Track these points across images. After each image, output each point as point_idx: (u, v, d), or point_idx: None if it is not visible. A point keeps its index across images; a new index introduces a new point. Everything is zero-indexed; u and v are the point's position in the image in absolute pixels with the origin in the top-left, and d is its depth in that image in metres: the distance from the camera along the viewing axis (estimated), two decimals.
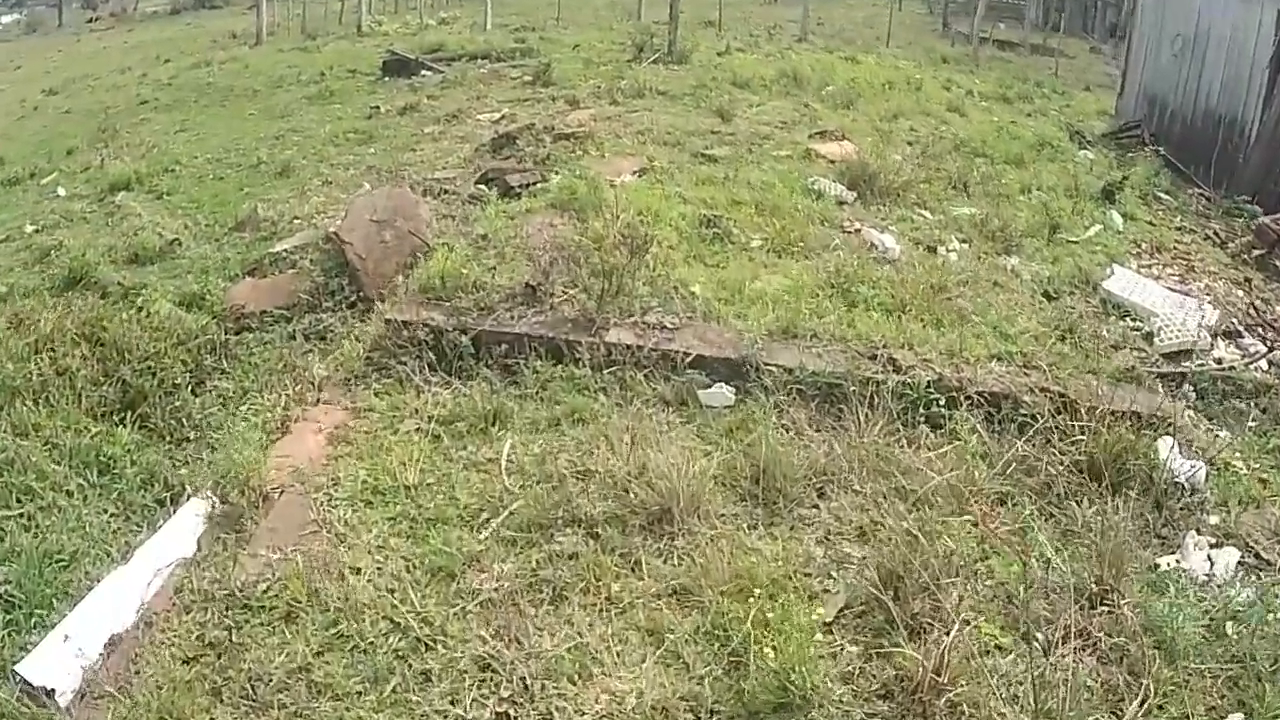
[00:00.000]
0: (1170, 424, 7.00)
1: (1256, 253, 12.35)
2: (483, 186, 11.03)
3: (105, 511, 6.36)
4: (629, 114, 14.98)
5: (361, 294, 9.07)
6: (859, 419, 6.57)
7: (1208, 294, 10.59)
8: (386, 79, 21.80)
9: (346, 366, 7.63)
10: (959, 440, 6.69)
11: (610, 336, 7.43)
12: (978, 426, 6.81)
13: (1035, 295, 9.30)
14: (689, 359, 7.25)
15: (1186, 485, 6.57)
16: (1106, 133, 19.29)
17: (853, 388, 6.81)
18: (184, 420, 7.58)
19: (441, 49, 24.95)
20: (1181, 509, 6.47)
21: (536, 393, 7.14)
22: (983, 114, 19.12)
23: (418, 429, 6.79)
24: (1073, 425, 6.85)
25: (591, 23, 31.92)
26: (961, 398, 6.96)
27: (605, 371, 7.23)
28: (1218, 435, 7.52)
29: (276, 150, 15.72)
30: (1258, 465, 7.15)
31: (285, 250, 10.28)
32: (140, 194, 13.93)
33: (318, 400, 7.29)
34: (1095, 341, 8.46)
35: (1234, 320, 9.96)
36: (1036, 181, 13.43)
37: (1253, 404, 8.14)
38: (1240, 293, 11.16)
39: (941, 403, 6.90)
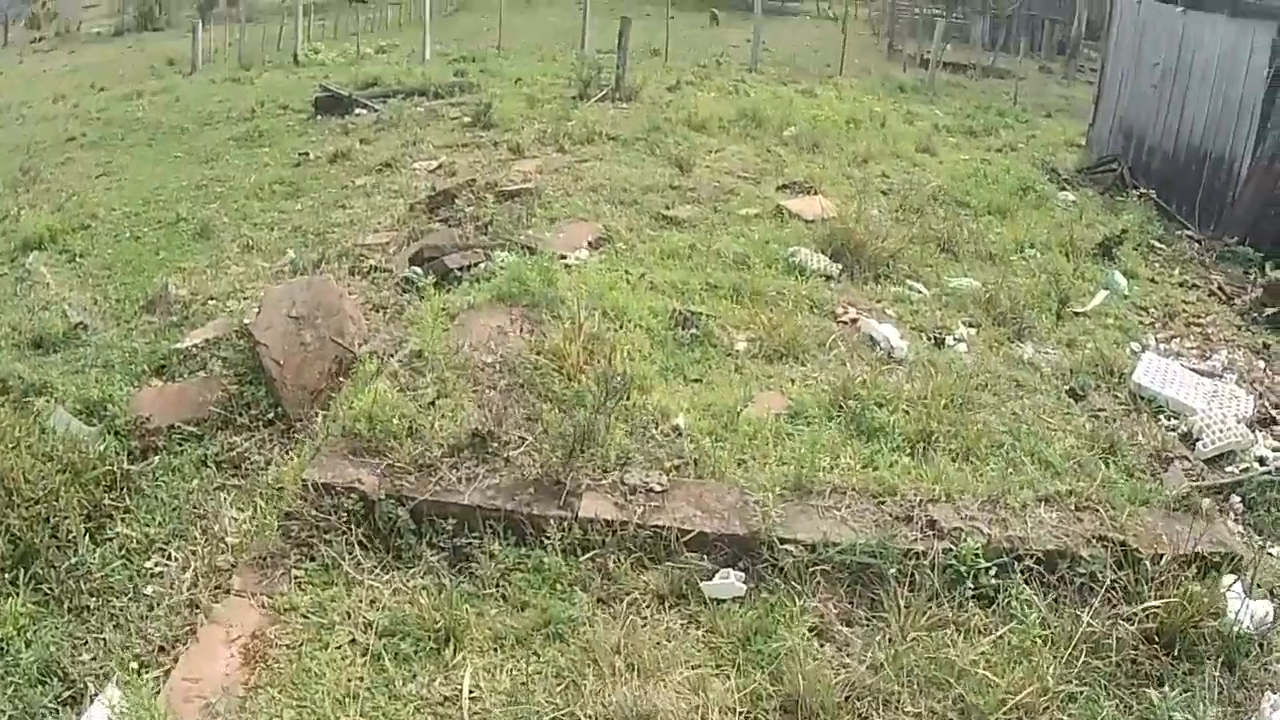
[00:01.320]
0: (1235, 559, 6.08)
1: (1269, 311, 11.31)
2: (417, 269, 9.67)
3: None
4: (578, 164, 13.76)
5: (280, 410, 7.75)
6: (899, 605, 5.37)
7: (1231, 371, 9.64)
8: (319, 117, 20.53)
9: (261, 542, 6.18)
10: (1015, 618, 5.49)
11: (585, 508, 6.02)
12: (1034, 599, 5.60)
13: (1060, 395, 8.21)
14: (686, 536, 5.89)
15: (1257, 636, 5.65)
16: (1082, 168, 18.29)
17: (889, 566, 5.56)
18: (82, 581, 6.17)
19: (377, 83, 23.73)
20: (1257, 667, 5.58)
21: (497, 588, 5.73)
22: (953, 152, 18.14)
23: (352, 641, 5.39)
24: (1137, 580, 5.82)
25: (534, 51, 30.65)
26: (1013, 561, 5.75)
27: (581, 557, 5.86)
28: (1270, 552, 6.69)
29: (198, 204, 14.43)
30: None
31: (195, 346, 8.99)
32: (53, 254, 12.76)
33: (229, 588, 5.86)
34: (1137, 453, 7.42)
35: (1265, 404, 9.01)
36: (1028, 236, 12.38)
37: None
38: (1261, 363, 10.18)
39: (992, 572, 5.70)
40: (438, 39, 31.83)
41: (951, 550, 5.73)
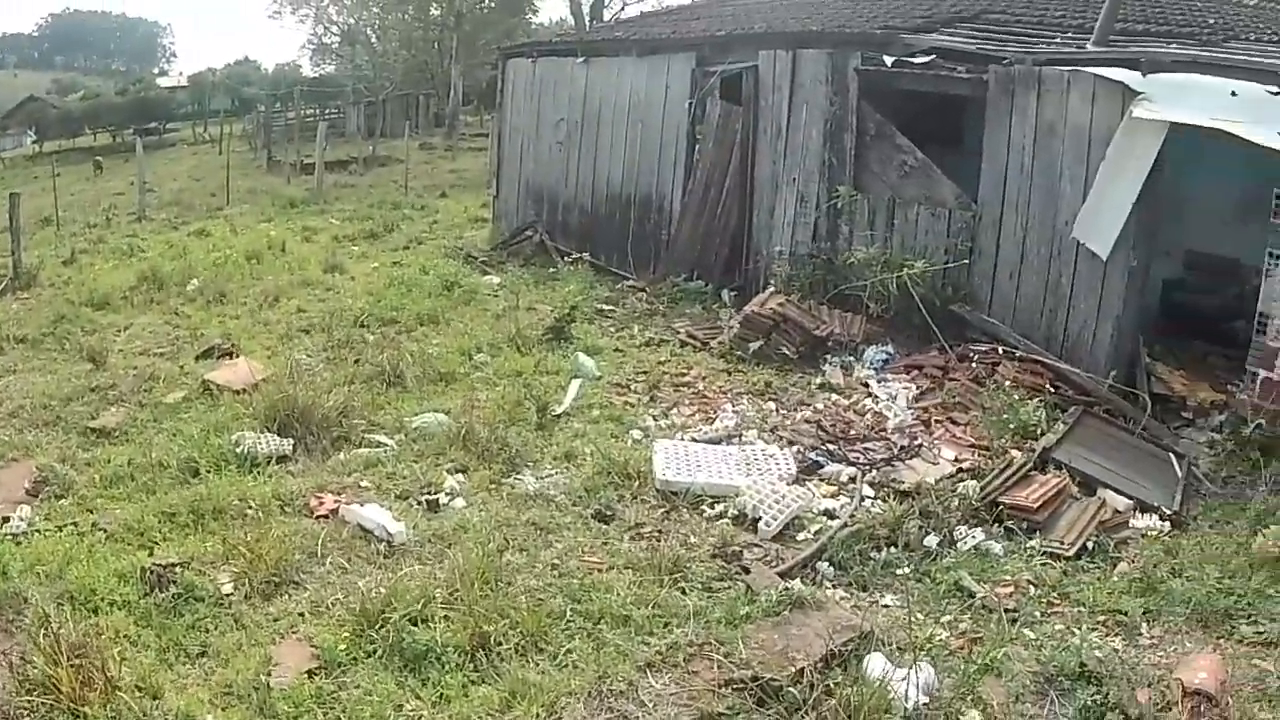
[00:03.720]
0: (866, 634, 5.70)
1: (753, 345, 11.23)
2: None
3: None
4: None
5: None
6: None
7: (746, 425, 9.33)
8: None
9: None
10: None
11: None
12: None
13: (589, 523, 7.29)
14: None
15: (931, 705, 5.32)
16: (496, 244, 17.88)
17: None
18: None
19: None
20: None
21: None
22: (361, 263, 17.05)
23: None
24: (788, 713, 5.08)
25: None
26: None
27: None
28: (884, 605, 6.50)
29: None
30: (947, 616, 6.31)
31: None
32: None
33: None
34: (703, 563, 6.73)
35: (801, 450, 8.74)
36: (472, 341, 11.52)
37: (886, 546, 7.11)
38: (771, 405, 10.00)
39: None
40: None
41: None
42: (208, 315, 13.42)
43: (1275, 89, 9.28)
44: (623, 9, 45.13)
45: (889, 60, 12.10)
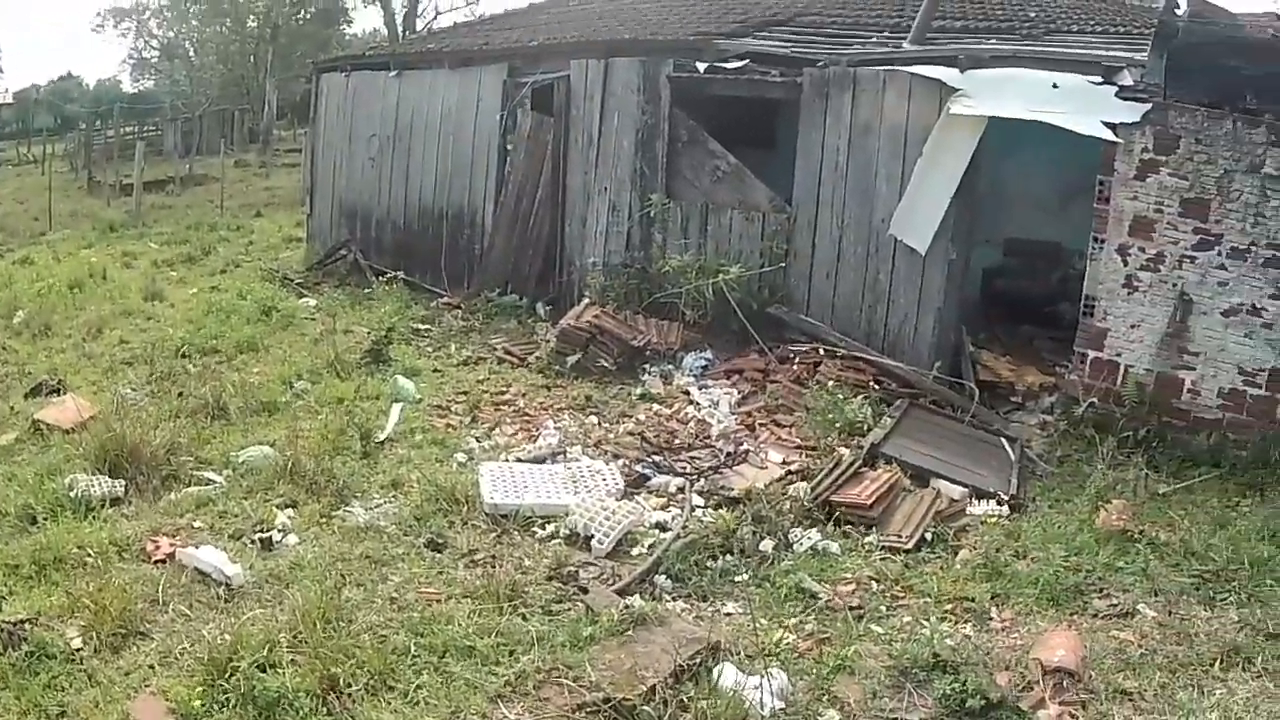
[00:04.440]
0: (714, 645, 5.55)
1: (571, 359, 10.94)
2: None
3: None
4: None
5: None
6: None
7: (570, 441, 9.00)
8: None
9: None
10: None
11: None
12: None
13: (421, 553, 6.89)
14: None
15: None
16: (311, 265, 17.14)
17: None
18: None
19: None
20: None
21: None
22: (180, 289, 16.12)
23: None
24: None
25: None
26: None
27: None
28: (726, 614, 6.34)
29: None
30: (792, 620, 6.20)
31: None
32: None
33: None
34: (540, 586, 6.44)
35: (626, 464, 8.48)
36: (292, 369, 10.94)
37: (722, 554, 6.97)
38: (594, 419, 9.72)
39: None
40: None
41: None
42: (34, 349, 12.57)
43: (1098, 79, 9.51)
44: (435, 18, 44.45)
45: (702, 66, 12.02)
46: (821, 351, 10.52)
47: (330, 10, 46.35)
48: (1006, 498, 7.91)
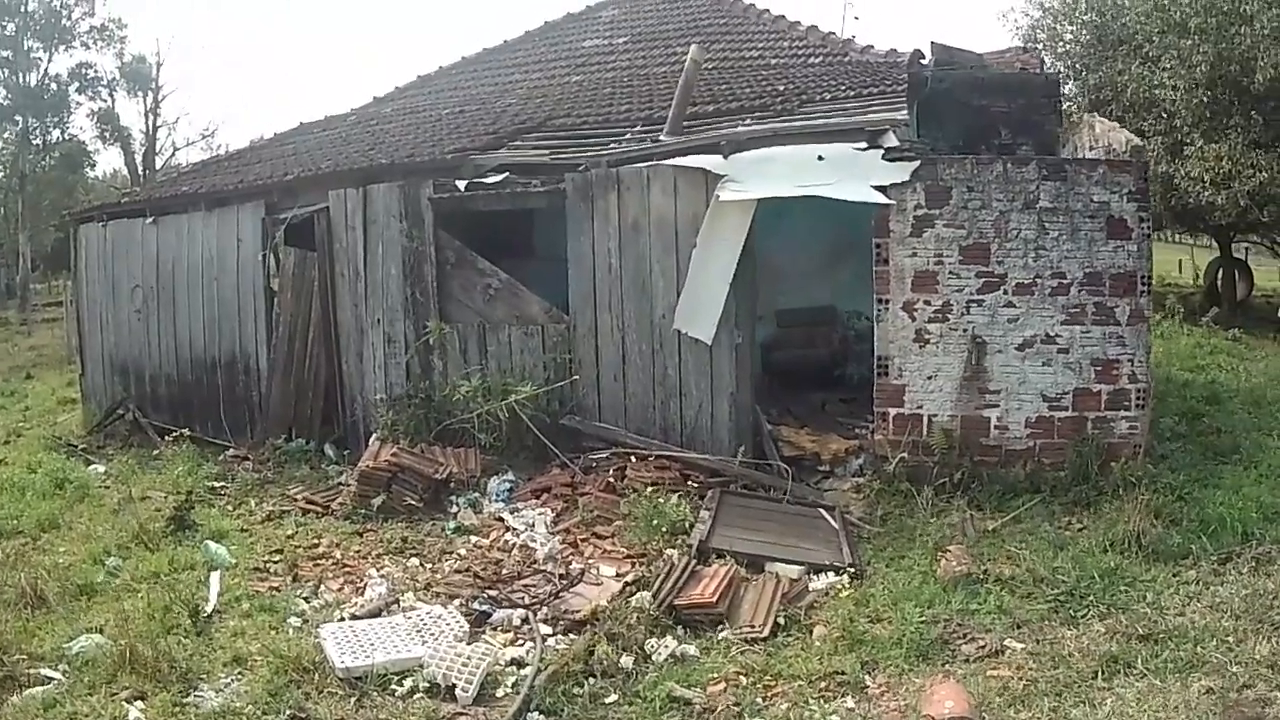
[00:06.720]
0: None
1: (376, 501, 10.67)
2: None
3: None
4: None
5: None
6: None
7: (399, 588, 8.78)
8: None
9: None
10: None
11: None
12: None
13: None
14: None
15: None
16: (91, 428, 16.20)
17: None
18: None
19: None
20: None
21: None
22: None
23: None
24: None
25: None
26: None
27: None
28: None
29: None
30: None
31: None
32: None
33: None
34: None
35: (465, 604, 8.33)
36: (101, 546, 10.25)
37: (585, 679, 6.87)
38: (415, 561, 9.54)
39: None
40: None
41: None
42: None
43: (863, 144, 9.90)
44: (173, 155, 43.20)
45: (462, 185, 12.08)
46: (623, 455, 10.63)
47: (73, 154, 44.34)
48: (845, 567, 8.18)
